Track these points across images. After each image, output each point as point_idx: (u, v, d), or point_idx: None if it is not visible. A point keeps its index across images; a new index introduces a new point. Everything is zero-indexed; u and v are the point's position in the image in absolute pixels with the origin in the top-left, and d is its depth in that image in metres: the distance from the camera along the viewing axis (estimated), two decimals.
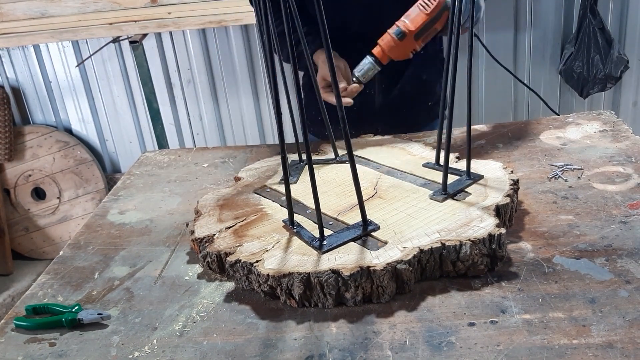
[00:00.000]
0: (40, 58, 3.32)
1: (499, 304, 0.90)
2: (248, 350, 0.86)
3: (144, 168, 1.60)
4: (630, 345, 0.79)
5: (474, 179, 1.16)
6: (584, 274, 0.95)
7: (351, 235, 1.01)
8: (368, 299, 0.93)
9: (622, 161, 1.30)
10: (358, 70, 1.41)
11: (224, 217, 1.14)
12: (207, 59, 3.22)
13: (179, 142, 3.43)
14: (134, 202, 1.40)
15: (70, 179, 3.43)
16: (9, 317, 1.00)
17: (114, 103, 3.38)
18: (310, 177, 0.97)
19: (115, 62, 3.27)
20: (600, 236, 1.04)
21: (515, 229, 1.09)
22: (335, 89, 0.94)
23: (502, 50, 3.05)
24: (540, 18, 3.00)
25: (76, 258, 1.18)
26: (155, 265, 1.12)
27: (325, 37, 0.90)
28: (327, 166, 1.34)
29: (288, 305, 0.95)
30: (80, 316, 0.96)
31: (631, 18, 2.96)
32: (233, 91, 3.29)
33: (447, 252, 0.95)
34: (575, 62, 2.93)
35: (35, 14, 2.78)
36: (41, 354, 0.91)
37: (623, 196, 1.16)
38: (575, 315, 0.86)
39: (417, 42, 1.36)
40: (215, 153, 1.65)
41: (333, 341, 0.86)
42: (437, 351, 0.82)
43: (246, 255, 0.99)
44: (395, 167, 1.29)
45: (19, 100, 3.43)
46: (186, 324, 0.94)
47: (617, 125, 1.49)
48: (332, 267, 0.92)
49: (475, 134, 1.52)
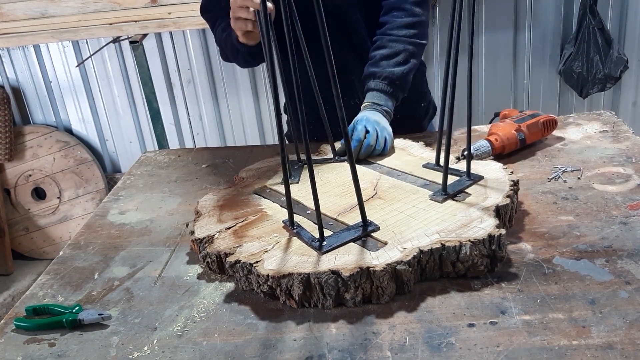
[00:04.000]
0: (41, 58, 3.32)
1: (498, 305, 0.90)
2: (248, 351, 0.86)
3: (144, 168, 1.60)
4: (630, 347, 0.78)
5: (474, 179, 1.16)
6: (584, 274, 0.94)
7: (351, 235, 1.01)
8: (368, 300, 0.93)
9: (622, 162, 1.30)
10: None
11: (224, 218, 1.14)
12: (207, 59, 3.22)
13: (179, 142, 3.43)
14: (134, 202, 1.40)
15: (70, 179, 3.43)
16: (9, 317, 1.00)
17: (114, 103, 3.38)
18: (310, 177, 0.97)
19: (115, 62, 3.27)
20: (600, 237, 1.04)
21: (515, 229, 1.09)
22: (335, 90, 0.94)
23: (502, 50, 3.05)
24: (540, 18, 3.00)
25: (76, 258, 1.18)
26: (155, 266, 1.12)
27: (325, 38, 0.90)
28: (327, 167, 1.34)
29: (288, 306, 0.95)
30: (80, 316, 0.96)
31: (631, 18, 2.96)
32: (233, 91, 3.28)
33: (447, 252, 0.95)
34: (575, 62, 2.93)
35: (35, 14, 2.78)
36: (41, 354, 0.91)
37: (623, 197, 1.16)
38: (575, 316, 0.86)
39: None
40: (215, 153, 1.65)
41: (332, 342, 0.86)
42: (437, 352, 0.82)
43: (246, 256, 0.99)
44: (395, 167, 1.29)
45: (19, 100, 3.43)
46: (186, 324, 0.94)
47: (618, 125, 1.49)
48: (331, 267, 0.92)
49: (475, 134, 1.52)
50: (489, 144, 1.37)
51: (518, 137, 1.39)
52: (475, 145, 1.36)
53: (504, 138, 1.38)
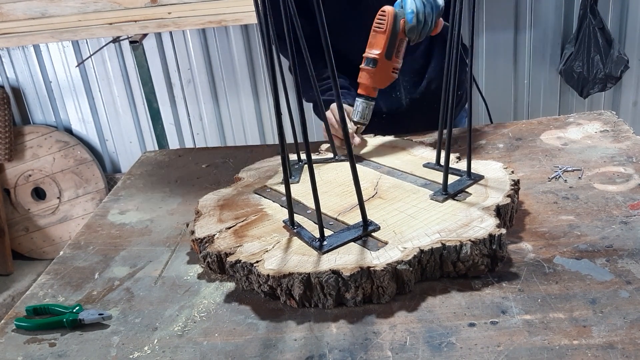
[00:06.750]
0: (40, 58, 3.32)
1: (499, 305, 0.90)
2: (248, 351, 0.86)
3: (144, 168, 1.60)
4: (630, 346, 0.78)
5: (474, 179, 1.16)
6: (585, 274, 0.94)
7: (351, 235, 1.01)
8: (368, 300, 0.93)
9: (623, 161, 1.30)
10: (355, 115, 1.39)
11: (224, 218, 1.14)
12: (207, 59, 3.22)
13: (179, 142, 3.43)
14: (134, 202, 1.40)
15: (70, 179, 3.43)
16: (9, 317, 1.00)
17: (114, 103, 3.38)
18: (311, 177, 0.96)
19: (115, 62, 3.27)
20: (601, 237, 1.04)
21: (515, 229, 1.09)
22: (335, 90, 0.94)
23: (502, 50, 3.05)
24: (540, 18, 3.00)
25: (76, 258, 1.18)
26: (155, 266, 1.12)
27: (326, 39, 0.90)
28: (327, 166, 1.34)
29: (288, 306, 0.95)
30: (81, 316, 0.96)
31: (631, 18, 2.96)
32: (233, 91, 3.28)
33: (447, 252, 0.95)
34: (575, 62, 2.92)
35: (35, 14, 2.77)
36: (41, 354, 0.91)
37: (624, 196, 1.16)
38: (575, 315, 0.85)
39: (391, 61, 1.34)
40: (215, 153, 1.65)
41: (333, 342, 0.86)
42: (437, 352, 0.82)
43: (246, 256, 0.98)
44: (396, 167, 1.29)
45: (19, 100, 3.43)
46: (186, 324, 0.94)
47: (618, 125, 1.49)
48: (332, 267, 0.92)
49: (476, 134, 1.52)
50: (360, 98, 1.36)
51: (367, 66, 1.33)
52: (353, 112, 1.37)
53: (361, 80, 1.35)
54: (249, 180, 1.32)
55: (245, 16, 2.66)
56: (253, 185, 1.29)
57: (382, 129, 1.52)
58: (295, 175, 1.29)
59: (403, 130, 1.56)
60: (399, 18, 1.30)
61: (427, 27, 1.30)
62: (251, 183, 1.30)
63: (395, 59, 1.34)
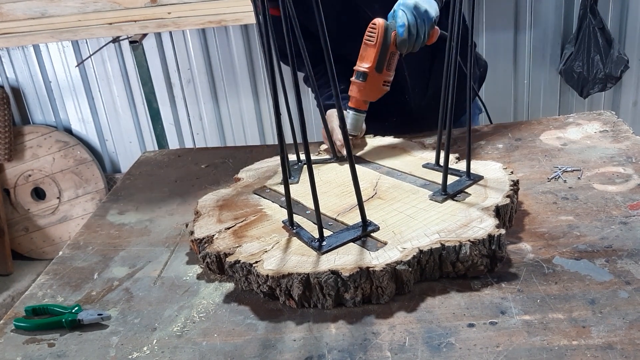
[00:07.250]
0: (40, 58, 3.32)
1: (498, 305, 0.90)
2: (247, 351, 0.86)
3: (144, 168, 1.60)
4: (630, 347, 0.78)
5: (473, 179, 1.16)
6: (584, 274, 0.94)
7: (351, 235, 1.01)
8: (367, 300, 0.93)
9: (623, 162, 1.30)
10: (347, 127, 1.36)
11: (224, 218, 1.14)
12: (207, 59, 3.22)
13: (179, 142, 3.43)
14: (133, 202, 1.40)
15: (70, 179, 3.43)
16: (9, 318, 1.00)
17: (113, 103, 3.38)
18: (310, 177, 0.96)
19: (115, 62, 3.27)
20: (600, 237, 1.04)
21: (515, 229, 1.09)
22: (334, 90, 0.94)
23: (502, 50, 3.05)
24: (540, 18, 3.00)
25: (76, 258, 1.18)
26: (154, 266, 1.12)
27: (325, 40, 0.90)
28: (326, 167, 1.34)
29: (287, 306, 0.95)
30: (80, 317, 0.96)
31: (631, 18, 2.96)
32: (233, 91, 3.28)
33: (446, 252, 0.94)
34: (575, 62, 2.92)
35: (35, 14, 2.77)
36: (40, 355, 0.91)
37: (623, 197, 1.16)
38: (575, 316, 0.85)
39: (382, 74, 1.32)
40: (215, 153, 1.65)
41: (332, 342, 0.86)
42: (437, 352, 0.82)
43: (245, 256, 0.98)
44: (395, 167, 1.29)
45: (19, 100, 3.43)
46: (185, 324, 0.94)
47: (618, 125, 1.48)
48: (331, 267, 0.92)
49: (476, 135, 1.52)
50: (351, 110, 1.34)
51: (357, 79, 1.32)
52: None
53: (352, 94, 1.33)
54: (249, 180, 1.32)
55: (245, 16, 2.66)
56: (252, 185, 1.29)
57: (394, 133, 1.51)
58: (294, 176, 1.29)
59: (415, 132, 1.56)
60: (390, 31, 1.28)
61: (420, 39, 1.29)
62: (250, 183, 1.30)
63: (386, 72, 1.32)
